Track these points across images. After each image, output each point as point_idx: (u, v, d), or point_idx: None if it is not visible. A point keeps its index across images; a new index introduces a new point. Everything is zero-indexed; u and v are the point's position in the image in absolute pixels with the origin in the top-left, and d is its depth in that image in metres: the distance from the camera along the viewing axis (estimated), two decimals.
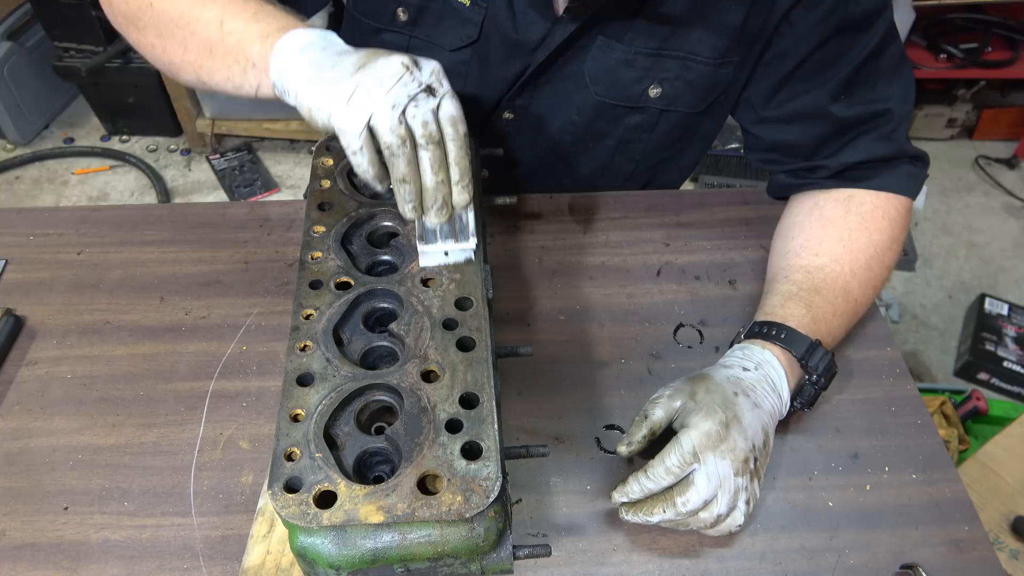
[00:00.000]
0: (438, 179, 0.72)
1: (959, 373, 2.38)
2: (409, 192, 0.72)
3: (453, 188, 0.74)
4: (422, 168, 0.72)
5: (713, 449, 0.76)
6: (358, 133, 0.69)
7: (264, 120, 2.88)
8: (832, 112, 0.96)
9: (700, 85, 0.98)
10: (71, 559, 0.79)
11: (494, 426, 0.66)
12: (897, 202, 0.98)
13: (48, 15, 2.67)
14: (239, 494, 0.83)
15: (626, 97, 1.00)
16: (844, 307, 0.92)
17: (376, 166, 0.71)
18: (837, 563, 0.81)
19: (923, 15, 2.84)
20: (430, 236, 0.77)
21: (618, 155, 1.10)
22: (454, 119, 0.72)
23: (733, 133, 2.94)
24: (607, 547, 0.81)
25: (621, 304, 1.03)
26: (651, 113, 1.02)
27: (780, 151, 1.04)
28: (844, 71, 0.93)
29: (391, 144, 0.69)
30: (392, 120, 0.68)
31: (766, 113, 1.01)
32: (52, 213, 1.13)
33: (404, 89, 0.69)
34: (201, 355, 0.96)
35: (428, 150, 0.71)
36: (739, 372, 0.84)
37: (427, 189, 0.73)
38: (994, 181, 3.00)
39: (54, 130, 3.09)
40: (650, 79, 0.97)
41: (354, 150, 0.70)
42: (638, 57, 0.95)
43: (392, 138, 0.69)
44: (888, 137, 0.97)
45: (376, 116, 0.68)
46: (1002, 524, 1.65)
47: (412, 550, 0.62)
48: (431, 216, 0.74)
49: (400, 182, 0.71)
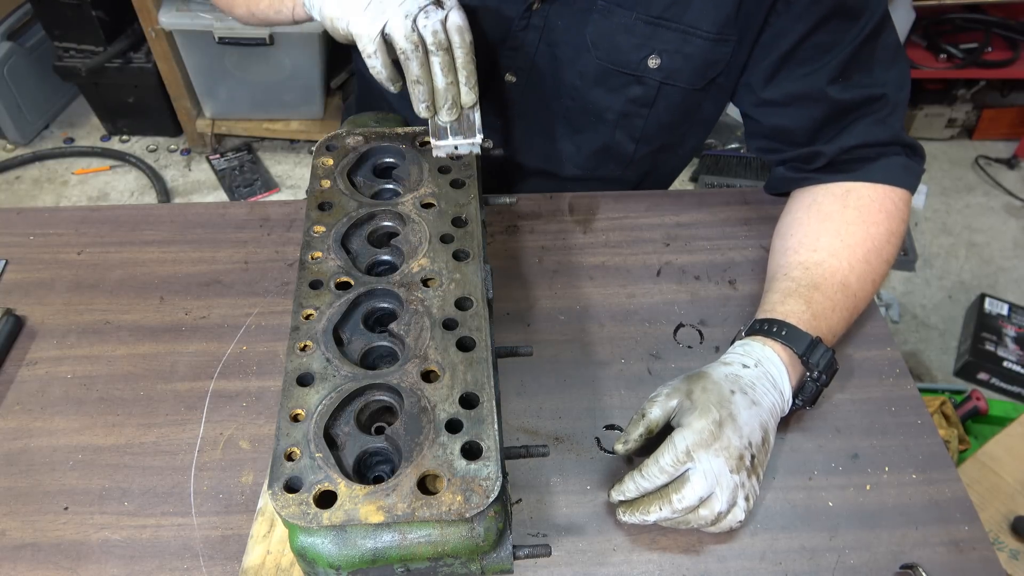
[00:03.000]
0: (447, 80, 0.83)
1: (959, 373, 2.38)
2: (423, 92, 0.83)
3: (461, 89, 0.85)
4: (433, 72, 0.82)
5: (706, 447, 0.76)
6: (373, 38, 0.80)
7: (264, 120, 2.88)
8: (829, 94, 0.97)
9: (698, 60, 0.99)
10: (71, 559, 0.79)
11: (494, 426, 0.66)
12: (894, 195, 0.99)
13: (48, 15, 2.67)
14: (239, 494, 0.83)
15: (625, 63, 1.01)
16: (843, 302, 0.92)
17: (389, 68, 0.83)
18: (837, 563, 0.81)
19: (923, 15, 2.84)
20: (442, 133, 0.88)
21: (619, 131, 1.10)
22: (460, 28, 0.81)
23: (733, 133, 2.94)
24: (607, 547, 0.81)
25: (621, 304, 1.03)
26: (650, 86, 1.03)
27: (779, 138, 1.05)
28: (841, 54, 0.95)
29: (406, 49, 0.79)
30: (406, 27, 0.79)
31: (764, 95, 1.02)
32: (52, 213, 1.13)
33: (415, 1, 0.80)
34: (201, 355, 0.96)
35: (438, 55, 0.81)
36: (738, 369, 0.84)
37: (438, 90, 0.84)
38: (994, 181, 3.00)
39: (54, 130, 3.09)
40: (649, 48, 0.99)
41: (369, 53, 0.82)
42: (638, 24, 0.97)
43: (406, 44, 0.79)
44: (884, 121, 0.98)
45: (391, 23, 0.79)
46: (1002, 524, 1.65)
47: (412, 550, 0.62)
48: (443, 114, 0.86)
49: (415, 83, 0.82)
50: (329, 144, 0.93)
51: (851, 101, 0.98)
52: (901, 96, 0.99)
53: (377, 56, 0.82)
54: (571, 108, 1.09)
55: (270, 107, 2.84)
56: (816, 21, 0.93)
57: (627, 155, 1.14)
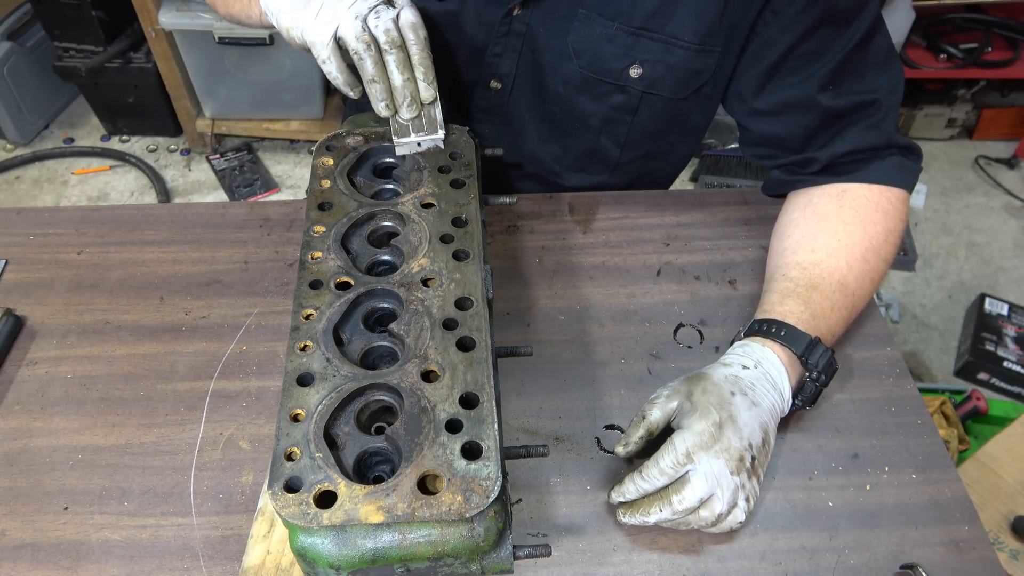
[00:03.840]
0: (404, 77, 0.83)
1: (959, 373, 2.38)
2: (380, 91, 0.83)
3: (419, 85, 0.84)
4: (389, 70, 0.82)
5: (706, 449, 0.76)
6: (326, 43, 0.80)
7: (264, 120, 2.88)
8: (821, 102, 0.96)
9: (681, 70, 0.99)
10: (71, 559, 0.79)
11: (494, 426, 0.66)
12: (891, 194, 0.99)
13: (48, 15, 2.67)
14: (239, 494, 0.83)
15: (607, 72, 1.01)
16: (842, 301, 0.92)
17: (345, 73, 0.83)
18: (837, 563, 0.81)
19: (923, 15, 2.84)
20: (403, 130, 0.88)
21: (603, 136, 1.10)
22: (414, 25, 0.81)
23: (733, 133, 2.94)
24: (607, 547, 0.81)
25: (621, 304, 1.03)
26: (633, 95, 1.03)
27: (772, 145, 1.05)
28: (831, 62, 0.94)
29: (357, 49, 0.79)
30: (356, 28, 0.79)
31: (756, 105, 1.01)
32: (52, 213, 1.13)
33: (364, 2, 0.80)
34: (201, 355, 0.96)
35: (392, 53, 0.81)
36: (738, 371, 0.84)
37: (396, 88, 0.84)
38: (994, 181, 3.00)
39: (54, 130, 3.09)
40: (631, 58, 0.99)
41: (323, 59, 0.82)
42: (620, 34, 0.97)
43: (358, 44, 0.79)
44: (877, 126, 0.98)
45: (342, 26, 0.79)
46: (1002, 524, 1.65)
47: (412, 550, 0.62)
48: (403, 111, 0.85)
49: (371, 82, 0.82)
50: (329, 144, 0.93)
51: (843, 108, 0.97)
52: (894, 99, 0.98)
53: (332, 61, 0.82)
54: (556, 113, 1.09)
55: (270, 107, 2.84)
56: (805, 30, 0.92)
57: (613, 159, 1.14)
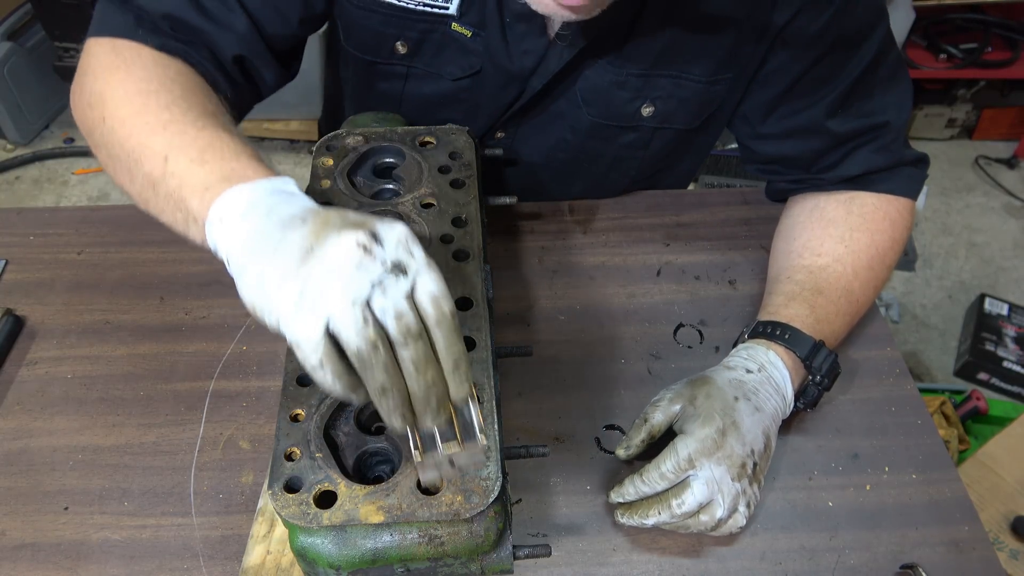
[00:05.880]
0: (427, 380, 0.54)
1: (959, 373, 2.38)
2: (394, 402, 0.54)
3: (449, 381, 0.56)
4: (405, 371, 0.54)
5: (709, 456, 0.76)
6: (316, 345, 0.52)
7: (264, 120, 2.88)
8: (829, 128, 0.95)
9: (694, 102, 0.98)
10: (71, 559, 0.79)
11: (494, 426, 0.66)
12: (899, 204, 0.98)
13: (48, 15, 2.67)
14: (239, 494, 0.83)
15: (619, 117, 0.99)
16: (847, 307, 0.92)
17: (344, 378, 0.54)
18: (837, 563, 0.81)
19: (923, 15, 2.84)
20: (428, 442, 0.59)
21: (612, 172, 1.10)
22: (436, 298, 0.54)
23: None
24: (607, 547, 0.81)
25: (621, 304, 1.03)
26: (644, 131, 1.02)
27: (778, 163, 1.04)
28: (840, 87, 0.92)
29: (360, 351, 0.52)
30: (356, 320, 0.51)
31: (762, 130, 1.01)
32: (52, 213, 1.13)
33: (365, 276, 0.52)
34: (201, 355, 0.96)
35: (409, 347, 0.53)
36: (742, 374, 0.83)
37: (416, 395, 0.55)
38: (994, 181, 3.00)
39: (54, 130, 3.09)
40: (643, 98, 0.97)
41: (313, 365, 0.53)
42: (630, 79, 0.95)
43: (360, 342, 0.52)
44: (887, 148, 0.96)
45: (335, 319, 0.52)
46: (1002, 524, 1.65)
47: (412, 550, 0.62)
48: (427, 420, 0.56)
49: (380, 394, 0.54)
50: (329, 144, 0.93)
51: (851, 132, 0.96)
52: (903, 118, 0.96)
53: (327, 367, 0.53)
54: (562, 158, 1.07)
55: (270, 107, 2.80)
56: (815, 57, 0.91)
57: (621, 188, 1.14)
